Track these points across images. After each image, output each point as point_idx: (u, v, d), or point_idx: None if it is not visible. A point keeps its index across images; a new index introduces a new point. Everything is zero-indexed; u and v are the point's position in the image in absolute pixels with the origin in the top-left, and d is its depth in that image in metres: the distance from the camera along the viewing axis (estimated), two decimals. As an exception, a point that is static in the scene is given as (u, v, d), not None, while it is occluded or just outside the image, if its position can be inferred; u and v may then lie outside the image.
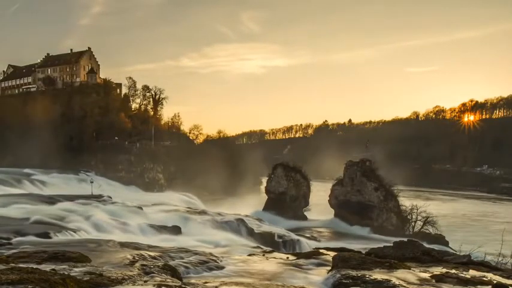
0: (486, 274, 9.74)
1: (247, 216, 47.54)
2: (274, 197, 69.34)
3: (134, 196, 61.50)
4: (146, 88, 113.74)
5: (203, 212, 43.83)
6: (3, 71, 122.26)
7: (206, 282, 9.05)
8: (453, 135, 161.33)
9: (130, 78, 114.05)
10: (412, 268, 10.29)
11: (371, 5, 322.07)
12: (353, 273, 9.14)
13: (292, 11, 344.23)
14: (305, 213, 69.70)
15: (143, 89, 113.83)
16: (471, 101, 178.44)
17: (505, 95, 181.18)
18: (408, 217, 59.97)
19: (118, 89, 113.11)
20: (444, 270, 10.12)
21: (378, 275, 8.91)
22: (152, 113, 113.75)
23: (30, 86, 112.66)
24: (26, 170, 70.95)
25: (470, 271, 10.16)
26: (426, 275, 9.55)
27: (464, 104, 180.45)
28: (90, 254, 11.75)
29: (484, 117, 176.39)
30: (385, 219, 59.80)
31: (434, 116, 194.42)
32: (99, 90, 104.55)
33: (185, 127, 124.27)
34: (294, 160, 78.01)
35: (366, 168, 64.07)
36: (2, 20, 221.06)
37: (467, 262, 11.26)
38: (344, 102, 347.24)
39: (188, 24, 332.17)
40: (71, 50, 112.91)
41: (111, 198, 46.12)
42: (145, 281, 8.29)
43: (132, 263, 10.91)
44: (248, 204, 70.35)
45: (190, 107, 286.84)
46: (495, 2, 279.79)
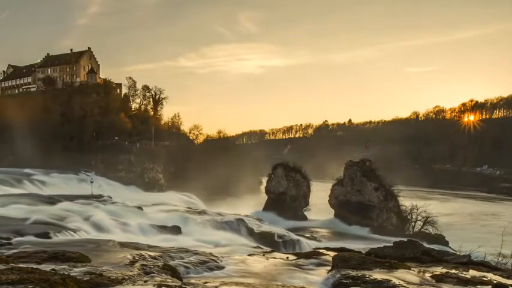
0: (486, 274, 9.74)
1: (247, 216, 47.59)
2: (274, 197, 69.37)
3: (134, 196, 61.47)
4: (146, 88, 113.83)
5: (203, 212, 43.85)
6: (3, 71, 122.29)
7: (206, 282, 9.05)
8: (453, 135, 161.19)
9: (130, 78, 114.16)
10: (412, 268, 10.28)
11: (370, 5, 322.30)
12: (353, 273, 9.13)
13: (289, 12, 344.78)
14: (305, 213, 69.71)
15: (143, 89, 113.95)
16: (471, 101, 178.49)
17: (505, 95, 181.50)
18: (408, 217, 59.99)
19: (118, 89, 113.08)
20: (444, 270, 10.12)
21: (378, 275, 8.91)
22: (152, 113, 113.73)
23: (30, 86, 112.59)
24: (26, 170, 70.85)
25: (470, 271, 10.16)
26: (426, 275, 9.56)
27: (464, 104, 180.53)
28: (90, 254, 11.75)
29: (484, 117, 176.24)
30: (385, 219, 59.81)
31: (434, 116, 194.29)
32: (99, 90, 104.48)
33: (185, 127, 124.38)
34: (294, 160, 77.95)
35: (366, 168, 64.11)
36: (2, 20, 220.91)
37: (467, 262, 11.26)
38: (344, 102, 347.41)
39: (186, 24, 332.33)
40: (71, 50, 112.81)
41: (111, 198, 46.13)
42: (145, 281, 8.29)
43: (132, 263, 10.91)
44: (248, 204, 70.41)
45: (189, 107, 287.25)
46: (495, 2, 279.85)
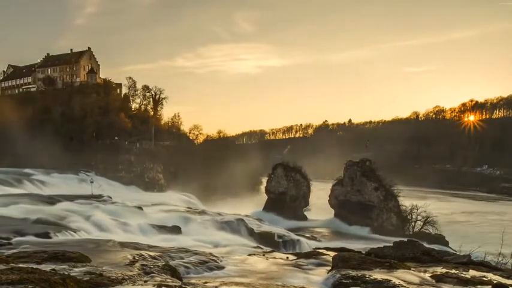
0: (486, 274, 9.74)
1: (247, 216, 47.63)
2: (274, 197, 69.41)
3: (134, 196, 61.48)
4: (146, 88, 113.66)
5: (203, 212, 43.90)
6: (3, 71, 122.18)
7: (206, 282, 9.04)
8: (453, 135, 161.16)
9: (130, 78, 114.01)
10: (412, 268, 10.28)
11: (369, 5, 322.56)
12: (353, 273, 9.13)
13: (285, 12, 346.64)
14: (305, 213, 69.75)
15: (143, 89, 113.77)
16: (471, 101, 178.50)
17: (505, 95, 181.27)
18: (408, 217, 60.02)
19: (118, 89, 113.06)
20: (444, 270, 10.12)
21: (378, 275, 8.91)
22: (152, 113, 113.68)
23: (30, 86, 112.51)
24: (26, 170, 70.86)
25: (470, 271, 10.16)
26: (426, 275, 9.55)
27: (464, 104, 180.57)
28: (90, 254, 11.74)
29: (484, 117, 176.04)
30: (385, 219, 59.84)
31: (434, 116, 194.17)
32: (99, 90, 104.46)
33: (185, 127, 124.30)
34: (294, 160, 77.96)
35: (366, 168, 64.14)
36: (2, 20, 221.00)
37: (467, 262, 11.26)
38: (344, 102, 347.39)
39: (182, 24, 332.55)
40: (71, 50, 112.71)
41: (111, 198, 46.17)
42: (145, 281, 8.29)
43: (132, 263, 10.91)
44: (248, 204, 70.41)
45: (189, 107, 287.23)
46: (495, 2, 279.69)
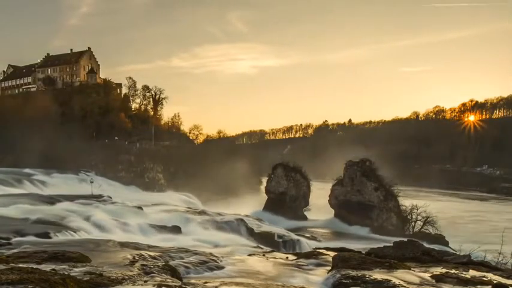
0: (486, 274, 9.73)
1: (247, 216, 47.66)
2: (274, 197, 69.42)
3: (134, 196, 61.47)
4: (146, 88, 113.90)
5: (203, 212, 43.87)
6: (3, 71, 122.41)
7: (206, 282, 9.04)
8: (453, 135, 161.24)
9: (130, 78, 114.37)
10: (412, 268, 10.27)
11: (369, 5, 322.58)
12: (353, 273, 9.12)
13: (279, 12, 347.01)
14: (305, 213, 69.75)
15: (143, 89, 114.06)
16: (471, 101, 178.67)
17: (505, 95, 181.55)
18: (408, 217, 60.07)
19: (118, 89, 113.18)
20: (444, 270, 10.11)
21: (378, 275, 8.90)
22: (152, 113, 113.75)
23: (30, 86, 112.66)
24: (26, 170, 70.87)
25: (470, 271, 10.14)
26: (426, 275, 9.54)
27: (464, 104, 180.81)
28: (90, 254, 11.73)
29: (484, 117, 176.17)
30: (385, 219, 59.86)
31: (434, 116, 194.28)
32: (99, 90, 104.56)
33: (185, 127, 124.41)
34: (294, 160, 77.96)
35: (366, 168, 64.15)
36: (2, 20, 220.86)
37: (467, 262, 11.25)
38: (344, 102, 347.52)
39: (176, 25, 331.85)
40: (71, 50, 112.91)
41: (111, 198, 46.16)
42: (145, 281, 8.28)
43: (132, 263, 10.90)
44: (248, 204, 70.39)
45: (188, 107, 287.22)
46: (495, 1, 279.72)
